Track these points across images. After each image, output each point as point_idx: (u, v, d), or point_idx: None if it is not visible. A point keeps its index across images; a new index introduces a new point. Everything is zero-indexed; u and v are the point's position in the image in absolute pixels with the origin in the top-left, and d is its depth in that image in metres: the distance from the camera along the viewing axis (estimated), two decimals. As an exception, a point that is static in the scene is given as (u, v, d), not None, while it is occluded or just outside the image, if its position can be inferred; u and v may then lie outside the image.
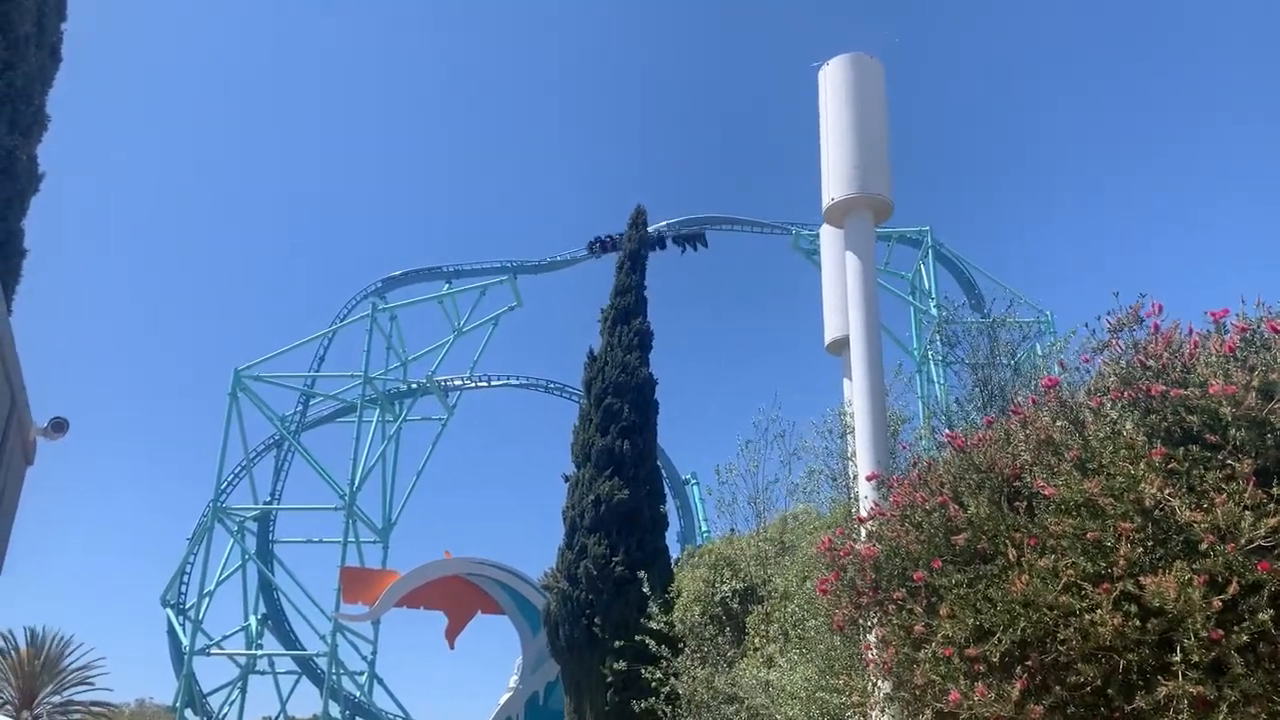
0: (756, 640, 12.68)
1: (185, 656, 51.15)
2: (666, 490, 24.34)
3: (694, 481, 57.46)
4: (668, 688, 14.67)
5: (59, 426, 7.53)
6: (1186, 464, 5.45)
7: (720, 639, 14.64)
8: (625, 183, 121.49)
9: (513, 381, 59.74)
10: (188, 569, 55.33)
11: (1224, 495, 5.23)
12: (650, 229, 26.53)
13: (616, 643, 18.21)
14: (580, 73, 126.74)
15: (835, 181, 12.03)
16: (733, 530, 16.55)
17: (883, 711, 7.50)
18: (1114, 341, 6.39)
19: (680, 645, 15.34)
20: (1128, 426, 5.80)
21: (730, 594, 14.83)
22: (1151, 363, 5.98)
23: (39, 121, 12.55)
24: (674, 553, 21.56)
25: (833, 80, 12.56)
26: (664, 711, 14.79)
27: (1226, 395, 5.42)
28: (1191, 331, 6.08)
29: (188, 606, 54.27)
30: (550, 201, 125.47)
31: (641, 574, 17.61)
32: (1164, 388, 5.72)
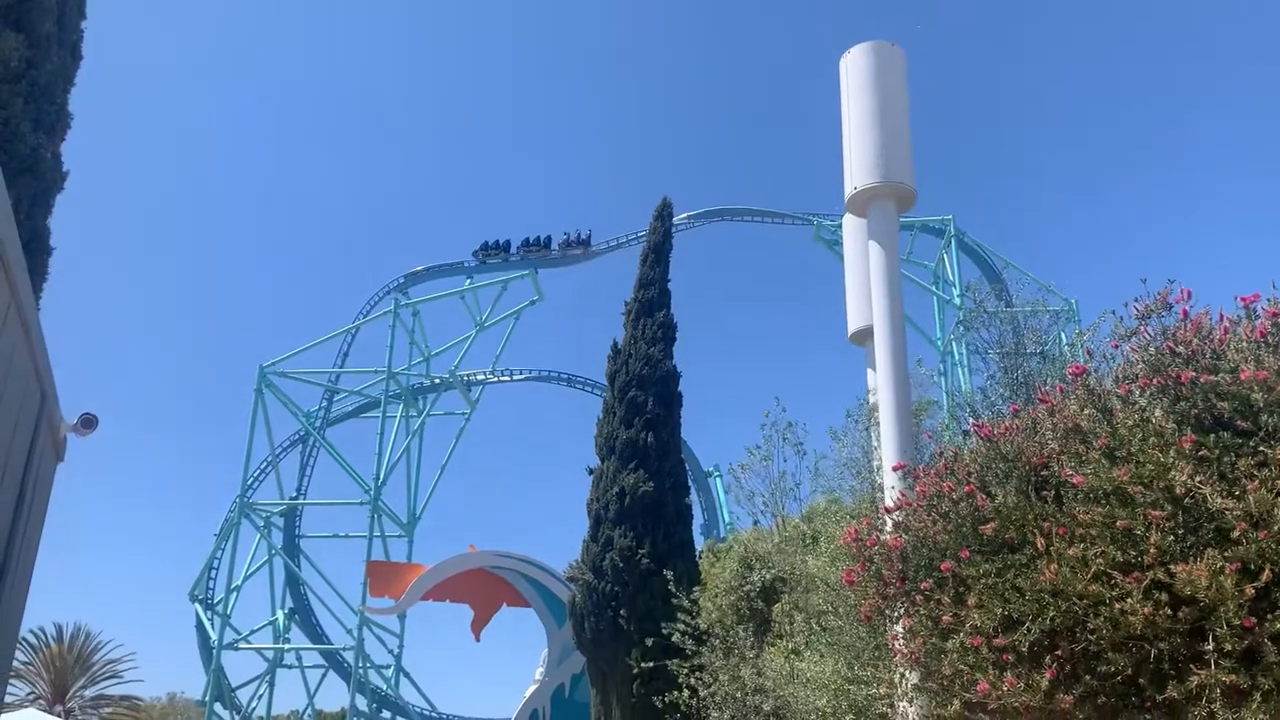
0: (782, 631, 12.66)
1: (214, 651, 51.62)
2: (690, 483, 24.31)
3: (717, 474, 57.43)
4: (695, 679, 14.67)
5: (88, 423, 7.60)
6: (1217, 451, 5.39)
7: (746, 631, 14.63)
8: (646, 175, 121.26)
9: (535, 375, 59.83)
10: (215, 564, 55.80)
11: (1256, 482, 5.17)
12: (673, 220, 26.44)
13: (642, 635, 18.23)
14: (601, 64, 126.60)
15: (858, 170, 11.97)
16: (756, 523, 16.54)
17: (910, 702, 7.47)
18: (1142, 328, 6.32)
19: (706, 637, 15.34)
20: (1157, 414, 5.74)
21: (758, 586, 14.80)
22: (1181, 349, 5.91)
23: (62, 120, 12.64)
24: (698, 545, 21.52)
25: (855, 68, 12.49)
26: (690, 704, 14.79)
27: (1258, 381, 5.35)
28: (1222, 317, 6.01)
29: (216, 601, 54.74)
30: (571, 194, 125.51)
31: (668, 572, 17.59)
32: (1194, 374, 5.66)
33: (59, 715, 37.33)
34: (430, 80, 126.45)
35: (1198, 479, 5.34)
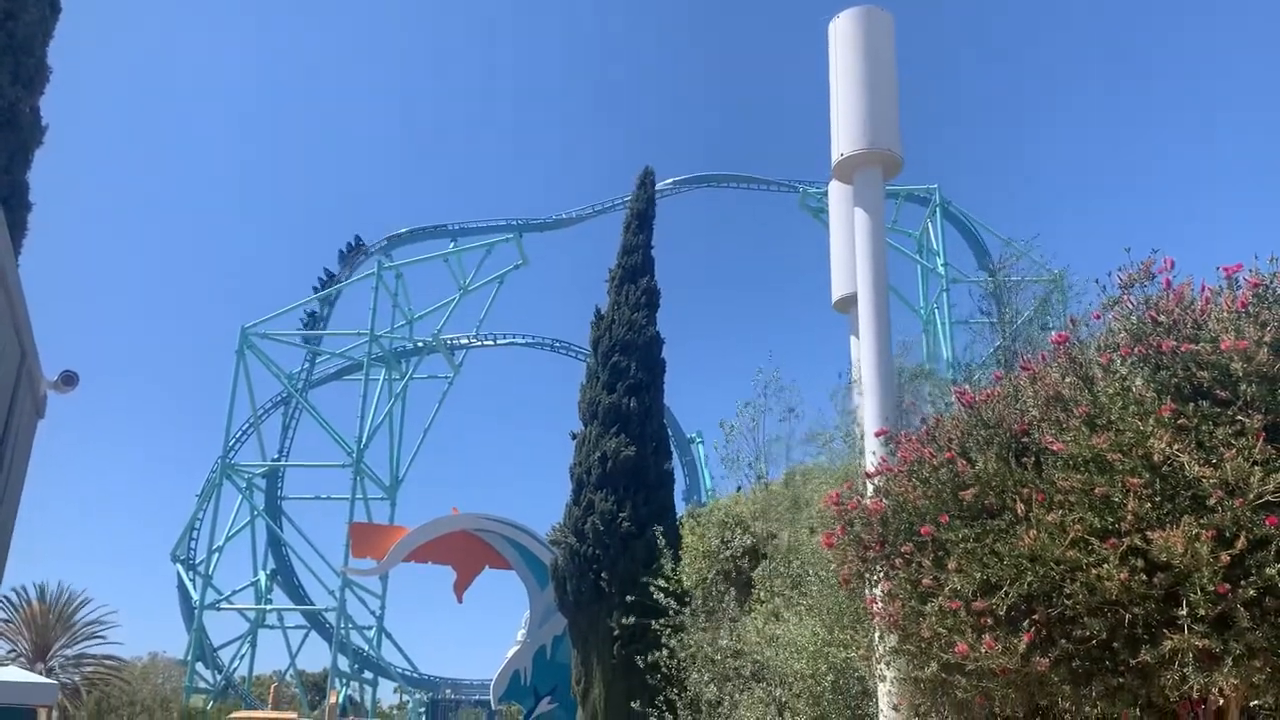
0: (763, 595, 12.76)
1: (196, 611, 51.74)
2: (672, 448, 24.41)
3: (699, 440, 57.63)
4: (675, 641, 14.80)
5: (69, 380, 7.55)
6: (1196, 419, 5.44)
7: (727, 595, 14.74)
8: (631, 140, 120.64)
9: (519, 340, 59.71)
10: (197, 525, 55.81)
11: (1233, 451, 5.23)
12: (658, 186, 26.34)
13: (623, 598, 18.37)
14: (588, 30, 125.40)
15: (845, 137, 11.93)
16: (739, 488, 16.62)
17: (888, 665, 7.56)
18: (1125, 298, 6.36)
19: (687, 600, 15.45)
20: (1137, 382, 5.79)
21: (739, 550, 14.89)
22: (1163, 318, 5.96)
23: (41, 73, 12.43)
24: (679, 510, 21.65)
25: (842, 33, 12.41)
26: (669, 665, 14.93)
27: (1238, 350, 5.40)
28: (1204, 288, 6.04)
29: (197, 562, 54.79)
30: (557, 159, 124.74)
31: (656, 528, 17.69)
32: (1175, 343, 5.70)
33: (40, 673, 37.37)
34: (414, 43, 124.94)
35: (1176, 447, 5.40)
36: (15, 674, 29.17)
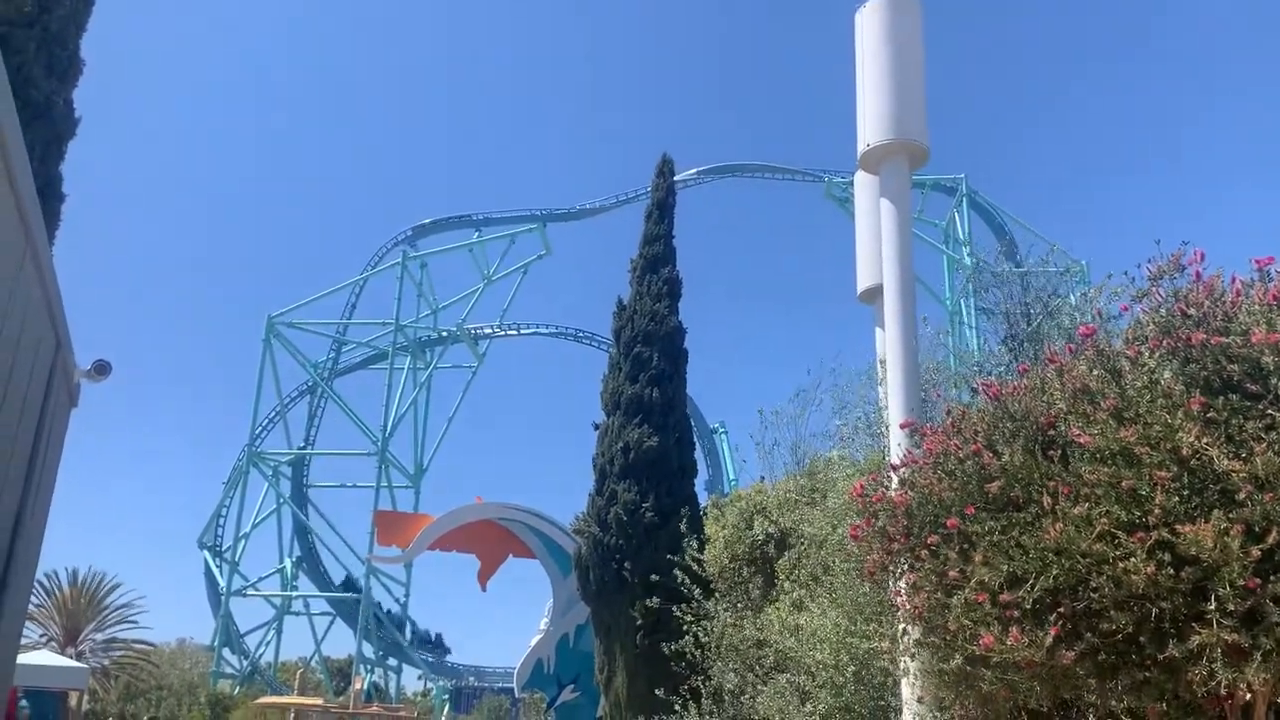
0: (786, 585, 12.77)
1: (222, 598, 52.29)
2: (695, 439, 24.43)
3: (722, 431, 57.61)
4: (698, 629, 14.84)
5: (102, 369, 7.65)
6: (1225, 413, 5.40)
7: (750, 584, 14.77)
8: (656, 130, 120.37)
9: (542, 330, 59.87)
10: (224, 512, 56.36)
11: (1264, 445, 5.19)
12: (677, 177, 26.28)
13: (646, 587, 18.42)
14: (612, 20, 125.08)
15: (871, 127, 11.87)
16: (762, 478, 16.63)
17: (912, 657, 7.56)
18: (1154, 290, 6.31)
19: (710, 589, 15.49)
20: (1166, 375, 5.75)
21: (762, 538, 14.91)
22: (1192, 311, 5.91)
23: (74, 66, 12.56)
24: (701, 500, 21.67)
25: (870, 23, 12.35)
26: (693, 654, 14.97)
27: (1269, 344, 5.35)
28: (1234, 280, 5.99)
29: (224, 549, 55.35)
30: (581, 149, 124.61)
31: (681, 512, 17.73)
32: (1204, 336, 5.66)
33: (71, 657, 37.88)
34: (438, 32, 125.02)
35: (1205, 441, 5.36)
36: (47, 658, 29.66)
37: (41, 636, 43.25)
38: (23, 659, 19.25)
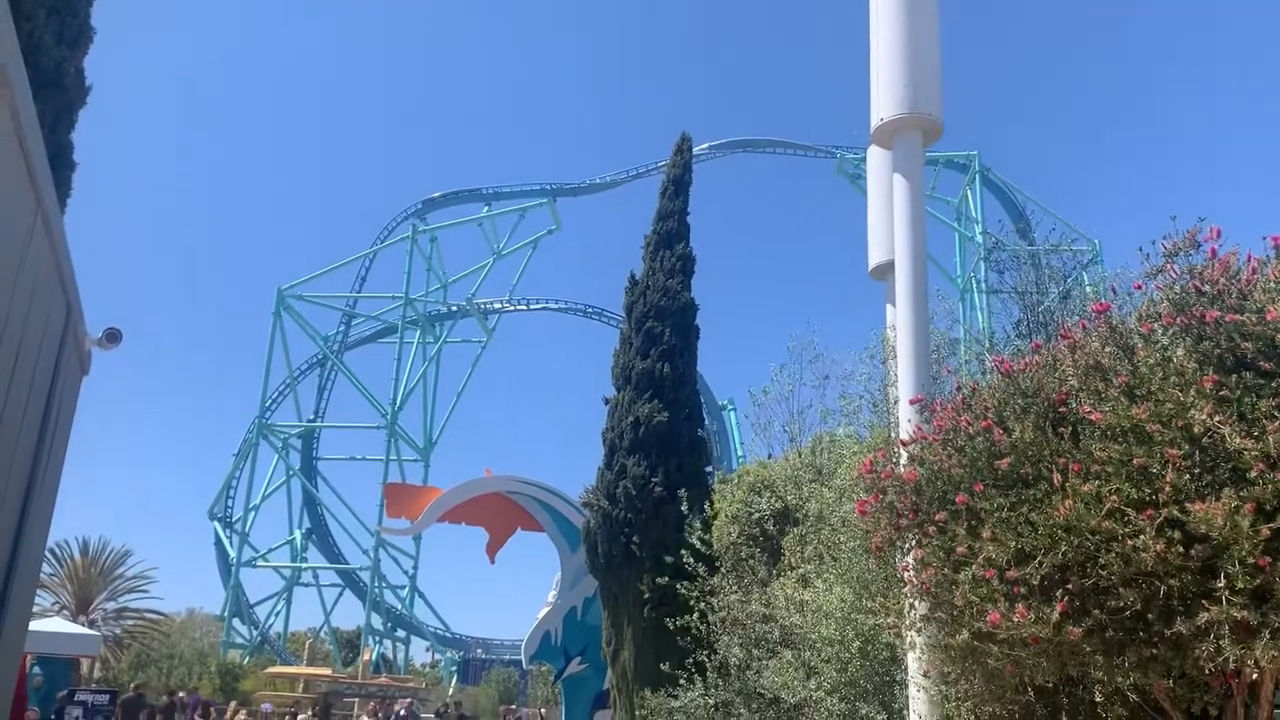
0: (792, 561, 12.80)
1: (232, 568, 52.70)
2: (704, 415, 24.43)
3: (731, 407, 57.67)
4: (704, 604, 14.90)
5: (113, 337, 7.67)
6: (1238, 391, 5.37)
7: (755, 560, 14.80)
8: (667, 105, 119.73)
9: (552, 305, 59.85)
10: (234, 484, 56.71)
11: (1276, 423, 5.16)
12: (694, 151, 26.16)
13: (654, 561, 18.49)
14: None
15: (884, 101, 11.76)
16: (770, 455, 16.63)
17: (919, 632, 7.57)
18: (1168, 267, 6.26)
19: (717, 564, 15.53)
20: (1179, 353, 5.71)
21: (767, 514, 14.93)
22: (1207, 288, 5.87)
23: (85, 34, 12.49)
24: (711, 476, 21.70)
25: (884, -4, 12.20)
26: (699, 628, 15.03)
27: (1284, 321, 5.31)
28: (1250, 258, 5.94)
29: (234, 520, 55.72)
30: (592, 123, 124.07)
31: (681, 492, 17.79)
32: (1219, 313, 5.62)
33: (83, 625, 38.24)
34: (453, 6, 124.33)
35: (1217, 419, 5.33)
36: (59, 625, 29.97)
37: (54, 604, 43.68)
38: (35, 626, 19.45)
